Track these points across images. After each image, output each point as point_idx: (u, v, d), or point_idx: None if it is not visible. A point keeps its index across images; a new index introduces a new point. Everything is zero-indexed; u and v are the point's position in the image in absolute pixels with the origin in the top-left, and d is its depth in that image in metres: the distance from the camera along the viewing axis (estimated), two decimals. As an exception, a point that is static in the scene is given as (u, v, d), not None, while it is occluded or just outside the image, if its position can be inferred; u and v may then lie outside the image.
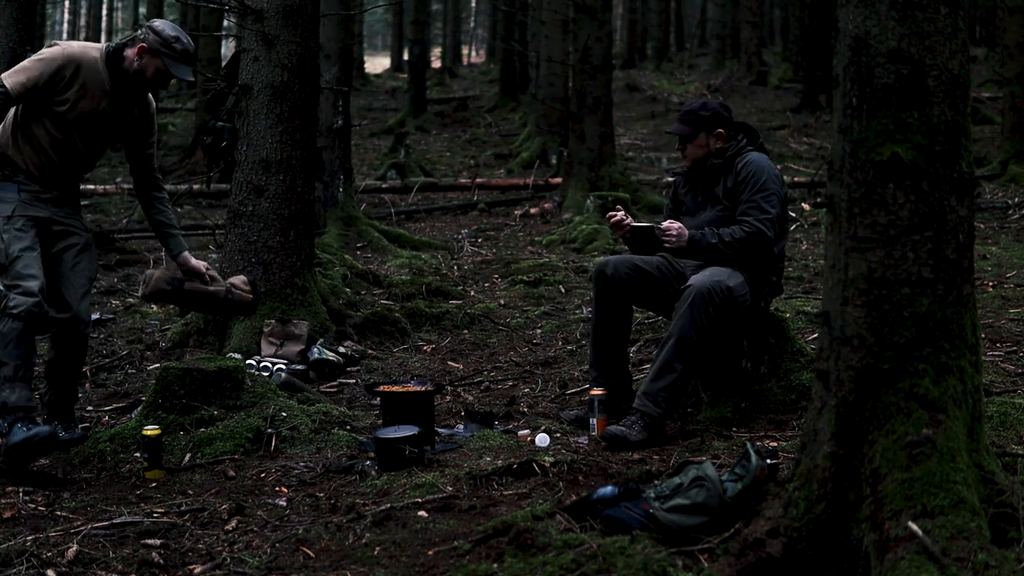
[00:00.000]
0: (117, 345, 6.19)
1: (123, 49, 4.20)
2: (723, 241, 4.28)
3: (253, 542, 3.26)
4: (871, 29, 2.69)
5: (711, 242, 4.29)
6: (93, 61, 4.17)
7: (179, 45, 4.20)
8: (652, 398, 4.18)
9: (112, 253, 9.23)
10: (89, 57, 4.17)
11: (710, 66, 26.62)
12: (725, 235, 4.29)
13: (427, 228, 11.25)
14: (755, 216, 4.29)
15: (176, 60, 4.20)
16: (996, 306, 6.20)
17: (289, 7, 5.68)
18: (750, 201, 4.32)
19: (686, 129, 4.46)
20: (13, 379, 3.96)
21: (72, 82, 4.13)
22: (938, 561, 2.39)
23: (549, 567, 2.77)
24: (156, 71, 4.21)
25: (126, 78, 4.22)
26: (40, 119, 4.16)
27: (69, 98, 4.14)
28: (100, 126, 4.28)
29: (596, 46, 11.28)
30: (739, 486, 2.94)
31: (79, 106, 4.17)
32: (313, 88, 5.97)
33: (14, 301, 3.98)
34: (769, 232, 4.28)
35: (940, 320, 2.69)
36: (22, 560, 3.08)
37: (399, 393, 4.34)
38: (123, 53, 4.20)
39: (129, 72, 4.21)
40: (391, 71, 36.56)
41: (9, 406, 3.94)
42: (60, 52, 4.15)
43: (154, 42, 4.17)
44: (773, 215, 4.30)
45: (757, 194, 4.31)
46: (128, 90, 4.27)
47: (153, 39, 4.17)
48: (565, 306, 7.07)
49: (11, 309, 3.96)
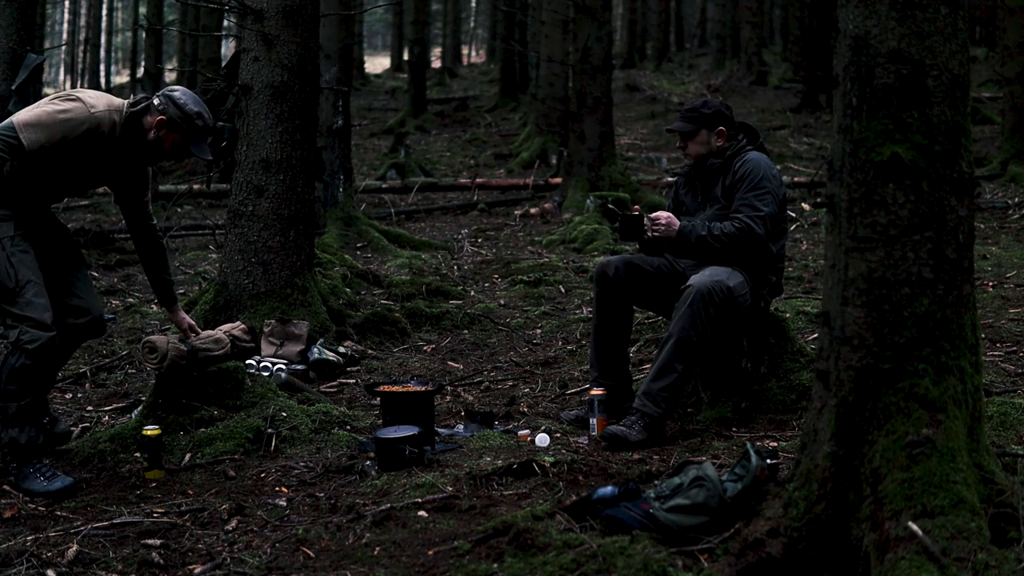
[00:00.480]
0: (117, 345, 6.19)
1: (142, 115, 3.99)
2: (712, 234, 4.28)
3: (253, 542, 3.26)
4: (871, 29, 2.69)
5: (700, 234, 4.29)
6: (112, 126, 3.93)
7: (200, 122, 4.01)
8: (652, 398, 4.18)
9: (112, 253, 9.24)
10: (109, 121, 3.92)
11: (710, 66, 26.63)
12: (715, 229, 4.29)
13: (427, 228, 11.26)
14: (746, 213, 4.29)
15: (197, 138, 4.03)
16: (996, 306, 6.20)
17: (289, 7, 5.68)
18: (743, 199, 4.32)
19: (688, 126, 4.46)
20: (22, 417, 3.83)
21: (87, 144, 3.91)
22: (938, 561, 2.39)
23: (549, 567, 2.77)
24: (173, 145, 4.02)
25: (141, 144, 4.02)
26: (39, 160, 3.91)
27: (79, 155, 3.95)
28: (100, 176, 4.15)
29: (596, 46, 11.28)
30: (739, 486, 2.94)
31: (85, 163, 3.99)
32: (313, 88, 5.97)
33: (28, 335, 3.79)
34: (759, 229, 4.28)
35: (940, 320, 2.69)
36: (22, 560, 3.08)
37: (399, 393, 4.34)
38: (142, 120, 3.98)
39: (145, 140, 4.00)
40: (391, 71, 36.56)
41: (19, 446, 3.83)
42: (86, 115, 3.87)
43: (175, 116, 3.97)
44: (765, 213, 4.30)
45: (750, 192, 4.32)
46: (140, 155, 4.09)
47: (174, 112, 3.97)
48: (565, 306, 7.07)
49: (26, 344, 3.79)
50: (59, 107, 3.88)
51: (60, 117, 3.85)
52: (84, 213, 12.22)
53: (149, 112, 4.00)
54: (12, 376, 3.82)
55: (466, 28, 46.65)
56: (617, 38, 32.61)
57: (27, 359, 3.80)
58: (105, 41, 32.57)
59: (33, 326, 3.80)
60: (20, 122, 3.81)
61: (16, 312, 3.82)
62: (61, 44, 38.05)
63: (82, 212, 12.30)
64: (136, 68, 30.00)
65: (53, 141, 3.83)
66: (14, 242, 3.88)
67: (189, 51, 23.76)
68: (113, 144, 3.98)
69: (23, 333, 3.80)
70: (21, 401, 3.83)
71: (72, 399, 5.21)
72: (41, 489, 3.77)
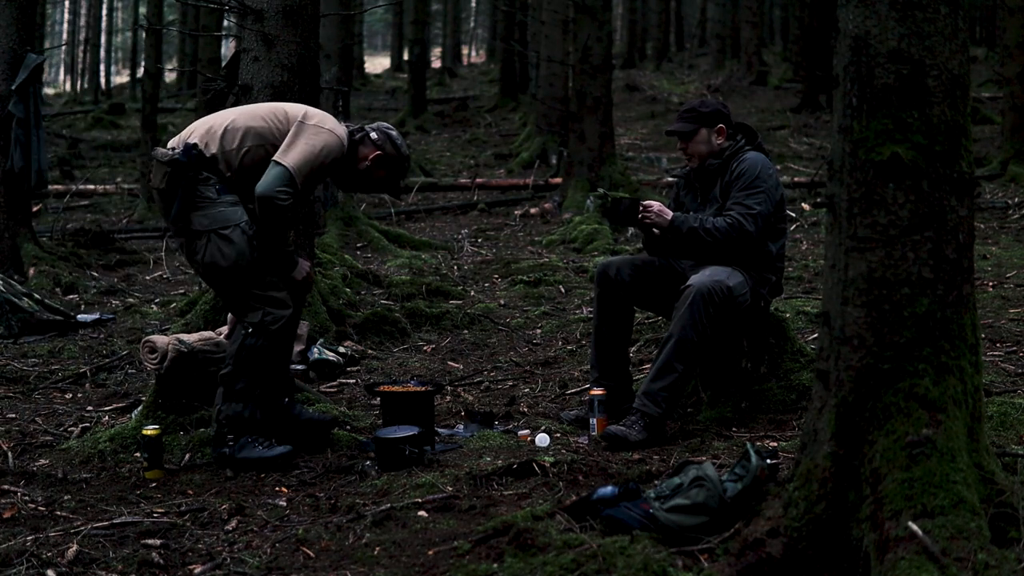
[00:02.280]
0: (117, 345, 6.20)
1: (359, 144, 4.15)
2: (703, 227, 4.29)
3: (253, 542, 3.26)
4: (871, 29, 2.69)
5: (692, 226, 4.31)
6: (343, 151, 4.10)
7: (407, 164, 4.27)
8: (652, 398, 4.18)
9: (112, 253, 9.24)
10: (343, 147, 4.09)
11: (710, 66, 26.61)
12: (707, 223, 4.30)
13: (427, 228, 11.26)
14: (738, 211, 4.30)
15: (401, 177, 4.28)
16: (996, 306, 6.20)
17: (289, 7, 5.68)
18: (737, 196, 4.34)
19: (688, 126, 4.46)
20: (247, 394, 3.97)
21: (330, 169, 4.11)
22: (938, 561, 2.39)
23: (549, 567, 2.77)
24: (379, 180, 4.22)
25: (351, 170, 4.18)
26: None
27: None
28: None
29: (596, 46, 11.28)
30: (739, 486, 2.94)
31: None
32: (313, 88, 5.96)
33: (271, 316, 3.94)
34: (749, 227, 4.28)
35: (940, 320, 2.69)
36: (22, 560, 3.08)
37: (399, 393, 4.34)
38: (358, 148, 4.15)
39: (356, 168, 4.17)
40: (391, 71, 36.55)
41: (243, 420, 3.97)
42: (339, 146, 4.05)
43: (391, 154, 4.17)
44: (757, 211, 4.30)
45: (744, 190, 4.33)
46: (347, 179, 4.25)
47: (391, 150, 4.16)
48: (565, 306, 7.07)
49: (270, 325, 3.94)
50: (318, 143, 3.99)
51: (323, 154, 3.99)
52: (84, 213, 12.23)
53: (364, 143, 4.15)
54: (251, 356, 3.95)
55: (466, 28, 46.64)
56: (617, 38, 32.61)
57: (267, 340, 3.96)
58: (105, 41, 32.53)
59: (276, 306, 3.96)
60: (293, 168, 3.91)
61: (259, 293, 3.97)
62: (61, 44, 38.04)
63: (82, 212, 12.30)
64: (136, 68, 30.00)
65: (314, 173, 4.01)
66: (249, 225, 3.99)
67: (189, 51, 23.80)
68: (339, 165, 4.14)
69: (266, 315, 3.96)
70: (251, 378, 3.96)
71: (72, 399, 5.21)
72: (257, 455, 3.93)
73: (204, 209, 3.95)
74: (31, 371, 5.66)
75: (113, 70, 38.96)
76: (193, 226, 3.95)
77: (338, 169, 4.13)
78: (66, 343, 6.26)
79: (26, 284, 7.51)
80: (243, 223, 3.96)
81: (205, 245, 3.94)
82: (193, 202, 3.95)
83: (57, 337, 6.47)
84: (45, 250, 8.36)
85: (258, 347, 3.95)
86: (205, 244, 3.94)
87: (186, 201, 3.94)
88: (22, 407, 4.99)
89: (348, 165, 4.14)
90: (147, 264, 9.20)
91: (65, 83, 38.57)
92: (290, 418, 4.22)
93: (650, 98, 21.81)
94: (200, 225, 3.95)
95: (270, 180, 3.88)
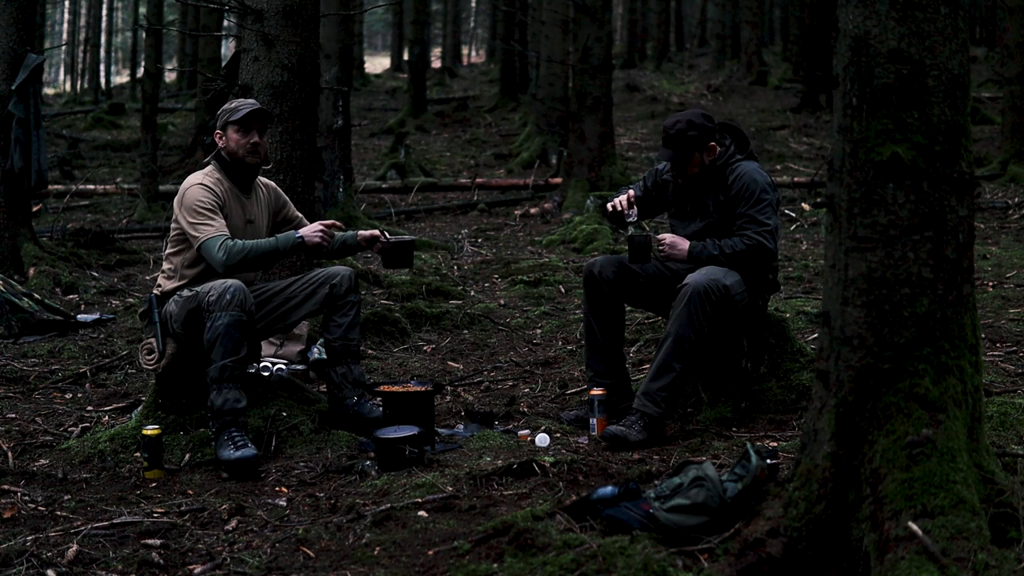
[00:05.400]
0: (117, 345, 6.20)
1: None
2: (724, 253, 4.28)
3: (253, 542, 3.26)
4: (871, 29, 2.69)
5: (712, 253, 4.30)
6: None
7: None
8: (651, 398, 4.18)
9: (112, 253, 9.24)
10: None
11: (710, 66, 26.60)
12: (727, 247, 4.28)
13: (427, 228, 11.25)
14: (753, 229, 4.28)
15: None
16: (996, 306, 6.20)
17: (289, 7, 5.68)
18: (746, 215, 4.31)
19: (682, 155, 4.40)
20: (220, 380, 4.05)
21: None
22: (938, 561, 2.39)
23: (549, 567, 2.77)
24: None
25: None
26: None
27: None
28: None
29: (596, 46, 11.28)
30: (739, 486, 2.94)
31: None
32: (313, 88, 5.96)
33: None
34: (770, 244, 4.28)
35: (940, 320, 2.69)
36: (22, 560, 3.08)
37: (399, 393, 4.34)
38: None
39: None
40: (391, 71, 36.56)
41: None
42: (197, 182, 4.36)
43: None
44: (771, 226, 4.30)
45: (752, 208, 4.30)
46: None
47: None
48: (565, 306, 7.07)
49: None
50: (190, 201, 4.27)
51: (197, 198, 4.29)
52: (84, 213, 12.23)
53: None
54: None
55: (466, 28, 46.66)
56: (617, 38, 32.62)
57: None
58: (105, 41, 32.49)
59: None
60: (205, 235, 4.19)
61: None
62: (61, 44, 38.04)
63: (82, 212, 12.30)
64: (136, 68, 30.00)
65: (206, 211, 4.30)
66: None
67: (189, 51, 23.76)
68: None
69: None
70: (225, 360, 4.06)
71: (72, 399, 5.21)
72: (225, 457, 3.97)
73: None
74: (31, 371, 5.66)
75: (113, 70, 38.95)
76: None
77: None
78: (66, 343, 6.26)
79: (26, 284, 7.51)
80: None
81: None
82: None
83: (57, 337, 6.47)
84: (45, 250, 8.36)
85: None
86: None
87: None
88: (22, 407, 4.99)
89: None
90: (147, 264, 9.19)
91: (65, 83, 38.56)
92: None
93: (650, 98, 21.79)
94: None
95: (210, 258, 4.16)
